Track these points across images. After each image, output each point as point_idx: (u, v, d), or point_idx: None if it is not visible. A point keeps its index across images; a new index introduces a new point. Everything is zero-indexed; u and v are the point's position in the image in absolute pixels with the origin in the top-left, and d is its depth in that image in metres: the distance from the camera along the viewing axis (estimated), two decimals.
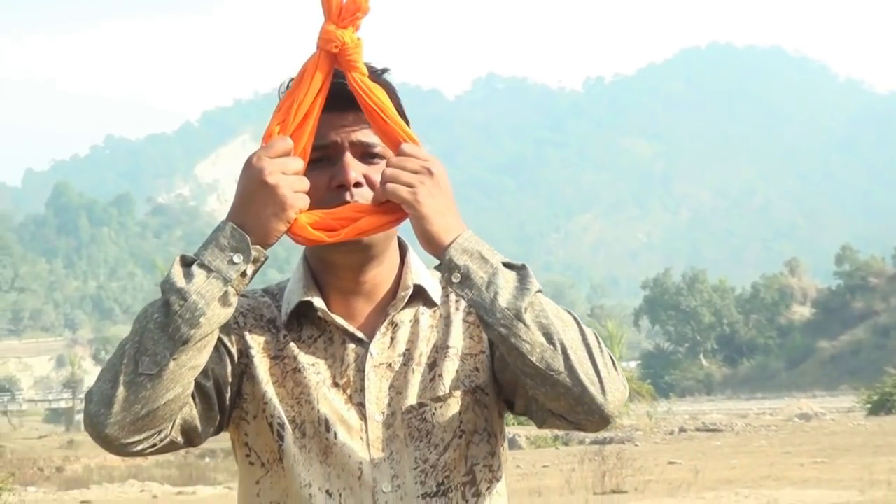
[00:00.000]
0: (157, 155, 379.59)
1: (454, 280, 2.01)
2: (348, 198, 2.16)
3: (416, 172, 2.03)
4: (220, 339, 2.15)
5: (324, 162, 2.19)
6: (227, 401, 2.20)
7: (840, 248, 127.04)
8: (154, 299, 2.04)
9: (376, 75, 2.24)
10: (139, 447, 2.04)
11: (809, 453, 22.98)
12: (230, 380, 2.20)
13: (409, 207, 2.03)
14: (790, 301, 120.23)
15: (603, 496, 18.70)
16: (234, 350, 2.21)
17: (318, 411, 2.17)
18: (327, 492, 2.14)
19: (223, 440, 2.33)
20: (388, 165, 2.07)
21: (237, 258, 1.98)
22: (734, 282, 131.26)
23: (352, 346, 2.22)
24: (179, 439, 2.13)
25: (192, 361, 1.98)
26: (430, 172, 2.02)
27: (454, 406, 2.19)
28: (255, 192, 2.01)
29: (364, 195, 2.18)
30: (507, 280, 2.00)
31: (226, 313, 2.01)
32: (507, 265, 2.05)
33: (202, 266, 1.96)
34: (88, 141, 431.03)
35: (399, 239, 2.33)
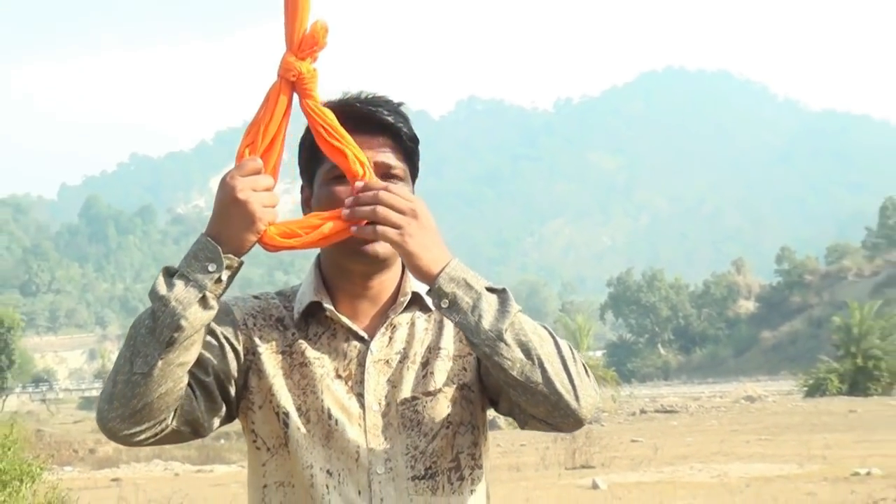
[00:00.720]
0: (176, 170, 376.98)
1: (443, 306, 2.03)
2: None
3: (402, 213, 2.02)
4: (226, 339, 2.20)
5: (348, 179, 2.19)
6: (231, 394, 2.21)
7: (780, 250, 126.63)
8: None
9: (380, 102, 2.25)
10: (140, 437, 2.08)
11: (754, 431, 22.94)
12: (235, 375, 2.21)
13: (398, 247, 2.04)
14: (737, 296, 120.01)
15: (573, 471, 18.63)
16: (240, 348, 2.22)
17: (322, 400, 2.18)
18: (328, 472, 2.16)
19: (236, 425, 2.40)
20: (377, 202, 2.04)
21: (211, 267, 1.99)
22: (688, 279, 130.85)
23: (354, 343, 2.23)
24: (184, 429, 2.15)
25: (180, 359, 2.00)
26: (415, 214, 2.02)
27: (443, 400, 2.20)
28: (228, 207, 2.03)
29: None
30: (489, 304, 2.02)
31: (208, 315, 2.02)
32: (490, 289, 2.06)
33: (181, 276, 1.99)
34: (116, 159, 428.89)
35: None
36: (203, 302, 2.00)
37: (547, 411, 2.06)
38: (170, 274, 2.01)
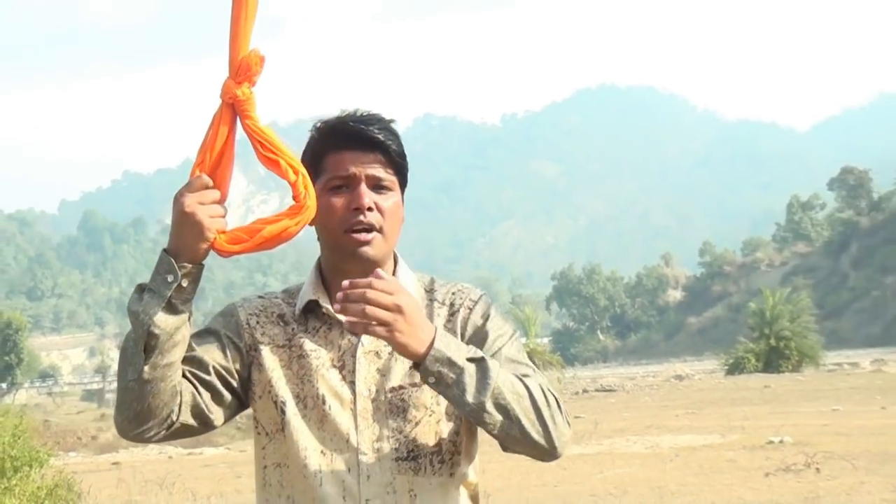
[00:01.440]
0: (164, 185, 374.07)
1: (429, 381, 2.01)
2: (362, 218, 2.17)
3: (389, 310, 1.97)
4: (228, 339, 2.21)
5: (344, 189, 2.20)
6: (235, 387, 2.21)
7: (702, 244, 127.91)
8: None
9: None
10: (151, 434, 2.11)
11: (682, 406, 23.03)
12: (239, 370, 2.21)
13: (387, 340, 2.00)
14: (666, 287, 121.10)
15: None
16: (242, 345, 2.23)
17: (318, 388, 2.17)
18: (321, 452, 2.15)
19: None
20: (363, 299, 1.98)
21: (170, 278, 2.00)
22: (622, 273, 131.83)
23: (348, 336, 2.21)
24: (192, 423, 2.16)
25: (164, 361, 2.02)
26: (400, 309, 1.96)
27: (427, 392, 2.16)
28: (179, 221, 2.03)
29: (374, 217, 2.19)
30: (471, 378, 2.00)
31: (178, 319, 2.03)
32: (471, 359, 2.03)
33: (148, 290, 2.01)
34: (110, 175, 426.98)
35: (394, 252, 2.32)
36: (169, 308, 2.01)
37: (525, 450, 2.09)
38: (141, 290, 2.03)
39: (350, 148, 2.20)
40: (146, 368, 2.02)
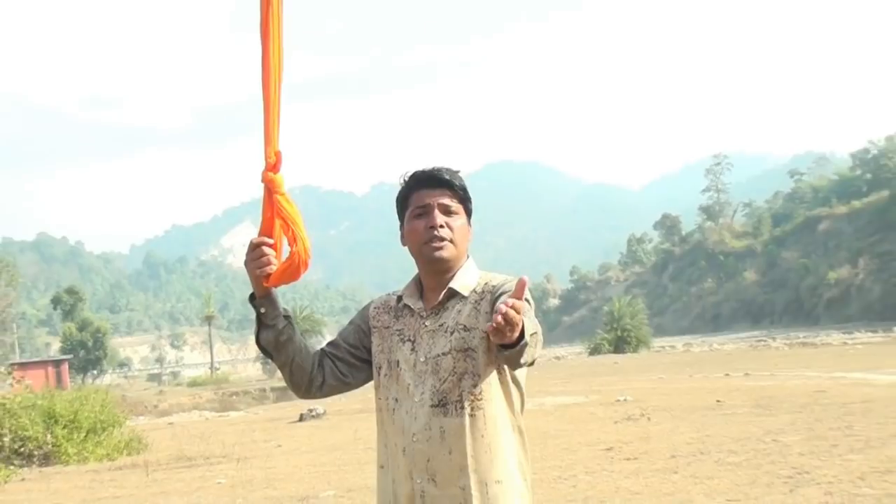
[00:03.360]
0: (200, 234, 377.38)
1: (505, 353, 1.92)
2: (435, 233, 2.16)
3: (516, 325, 1.80)
4: (359, 325, 2.29)
5: (423, 216, 2.18)
6: (365, 357, 2.25)
7: (572, 267, 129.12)
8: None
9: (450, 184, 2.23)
10: (310, 395, 2.25)
11: (560, 377, 23.06)
12: (366, 345, 2.25)
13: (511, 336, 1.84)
14: (547, 296, 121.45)
15: None
16: (366, 329, 2.26)
17: (396, 356, 2.18)
18: (395, 399, 2.15)
19: (245, 384, 2.48)
20: (513, 322, 1.82)
21: (257, 311, 2.16)
22: None
23: (418, 318, 2.20)
24: (335, 384, 2.24)
25: (282, 355, 2.18)
26: (517, 323, 1.81)
27: (450, 358, 2.11)
28: (247, 272, 2.13)
29: (445, 232, 2.17)
30: (529, 351, 1.92)
31: (272, 331, 2.17)
32: (531, 333, 1.93)
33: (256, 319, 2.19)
34: (163, 227, 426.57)
35: (468, 254, 2.30)
36: (263, 327, 2.17)
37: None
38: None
39: (425, 187, 2.20)
40: (276, 361, 2.21)
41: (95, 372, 72.19)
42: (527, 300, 2.04)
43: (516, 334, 1.81)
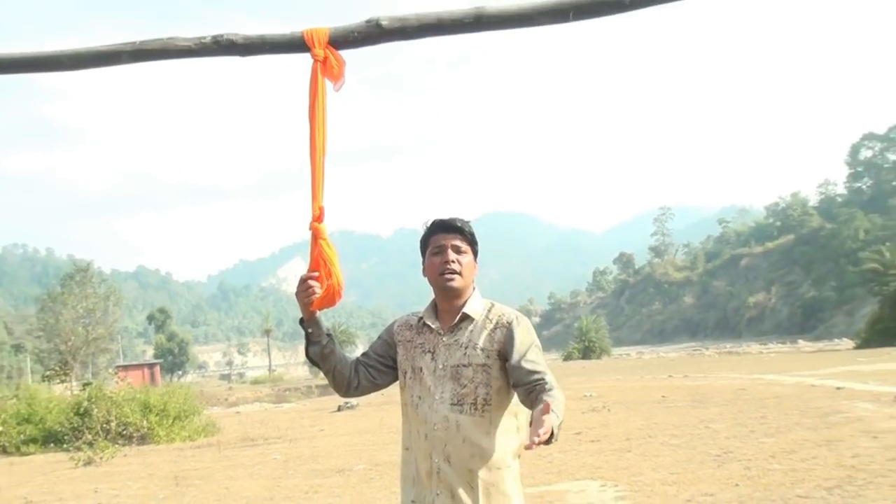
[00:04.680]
0: (262, 266, 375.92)
1: (551, 442, 1.82)
2: (447, 266, 2.12)
3: (552, 436, 1.78)
4: (385, 340, 2.22)
5: (439, 253, 2.13)
6: (391, 364, 2.19)
7: (549, 293, 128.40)
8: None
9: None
10: (350, 395, 2.22)
11: None
12: (391, 355, 2.19)
13: (550, 438, 1.79)
14: (530, 316, 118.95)
15: None
16: (391, 342, 2.20)
17: (417, 363, 2.13)
18: (419, 396, 2.09)
19: (296, 383, 2.48)
20: (550, 438, 1.78)
21: (304, 328, 2.13)
22: None
23: (437, 334, 2.14)
24: (369, 385, 2.20)
25: (327, 364, 2.15)
26: (552, 434, 1.80)
27: (471, 370, 2.06)
28: (297, 300, 2.10)
29: (455, 266, 2.13)
30: (558, 430, 1.85)
31: (318, 346, 2.14)
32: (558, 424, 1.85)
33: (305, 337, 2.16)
34: (232, 262, 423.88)
35: (473, 285, 2.21)
36: (310, 343, 2.14)
37: None
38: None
39: (442, 231, 2.16)
40: (321, 369, 2.16)
41: (180, 373, 71.75)
42: (535, 345, 2.07)
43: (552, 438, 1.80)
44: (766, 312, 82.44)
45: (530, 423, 1.85)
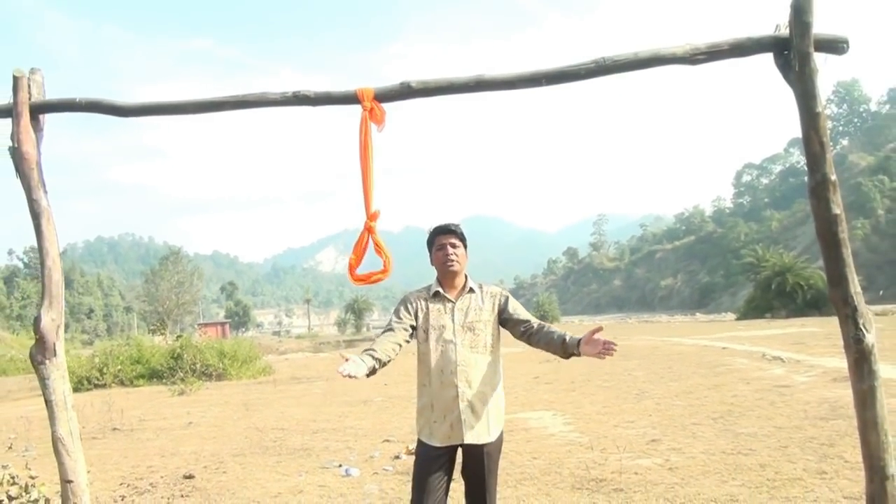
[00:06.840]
0: (304, 252, 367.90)
1: (573, 355, 1.99)
2: (449, 258, 2.11)
3: (612, 346, 1.99)
4: (408, 309, 2.11)
5: (442, 248, 2.13)
6: (415, 325, 2.12)
7: (515, 276, 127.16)
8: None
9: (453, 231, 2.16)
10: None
11: (507, 340, 22.66)
12: (413, 323, 2.12)
13: (598, 355, 1.96)
14: None
15: None
16: (412, 311, 2.13)
17: (439, 321, 2.09)
18: (444, 344, 2.08)
19: (328, 338, 2.40)
20: (612, 348, 1.95)
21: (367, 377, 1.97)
22: None
23: (449, 302, 2.13)
24: (405, 344, 2.10)
25: (383, 366, 2.00)
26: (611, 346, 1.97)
27: (482, 324, 2.09)
28: (346, 373, 1.86)
29: (454, 257, 2.13)
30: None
31: (373, 374, 1.98)
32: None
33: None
34: (282, 248, 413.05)
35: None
36: (369, 375, 1.95)
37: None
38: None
39: (443, 233, 2.17)
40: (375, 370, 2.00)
41: (243, 329, 71.43)
42: (521, 305, 2.17)
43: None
44: (673, 292, 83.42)
45: (580, 343, 1.97)
